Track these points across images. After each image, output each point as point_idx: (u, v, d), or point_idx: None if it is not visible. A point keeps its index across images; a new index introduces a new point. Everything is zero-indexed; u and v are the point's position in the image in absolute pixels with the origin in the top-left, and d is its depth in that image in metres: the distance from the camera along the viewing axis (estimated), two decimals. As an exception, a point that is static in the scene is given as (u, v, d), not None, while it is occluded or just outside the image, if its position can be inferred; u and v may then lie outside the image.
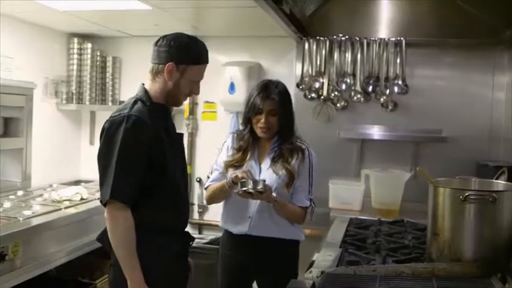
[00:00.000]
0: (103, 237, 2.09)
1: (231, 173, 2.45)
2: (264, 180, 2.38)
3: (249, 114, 2.55)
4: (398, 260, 2.12)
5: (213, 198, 2.62)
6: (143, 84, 2.17)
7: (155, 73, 2.11)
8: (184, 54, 2.08)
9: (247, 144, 2.58)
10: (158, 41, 2.10)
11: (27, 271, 2.71)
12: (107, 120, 2.07)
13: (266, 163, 2.55)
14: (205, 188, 2.66)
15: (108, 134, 2.03)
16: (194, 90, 2.19)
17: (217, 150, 2.73)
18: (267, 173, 2.51)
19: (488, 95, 3.69)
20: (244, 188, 2.33)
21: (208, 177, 2.67)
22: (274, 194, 2.43)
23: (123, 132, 1.98)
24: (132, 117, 2.00)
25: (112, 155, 1.98)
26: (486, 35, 3.54)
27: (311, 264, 2.11)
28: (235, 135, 2.66)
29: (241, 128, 2.67)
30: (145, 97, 2.11)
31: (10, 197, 3.30)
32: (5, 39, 3.55)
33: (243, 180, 2.34)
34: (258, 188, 2.32)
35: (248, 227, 2.51)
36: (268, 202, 2.44)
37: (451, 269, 1.84)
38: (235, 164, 2.55)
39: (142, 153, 2.01)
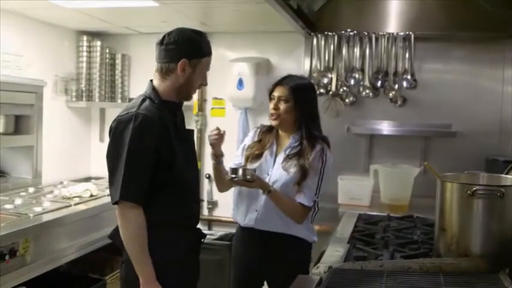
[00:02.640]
0: (115, 234, 2.10)
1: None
2: (254, 169, 2.40)
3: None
4: (406, 255, 2.11)
5: (218, 186, 2.65)
6: (151, 81, 2.17)
7: (165, 72, 2.10)
8: (194, 49, 2.09)
9: (266, 136, 2.60)
10: (163, 39, 2.09)
11: (38, 267, 2.74)
12: (115, 119, 2.07)
13: (281, 157, 2.53)
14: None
15: (116, 134, 2.03)
16: (204, 82, 2.20)
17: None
18: (277, 168, 2.50)
19: (498, 89, 3.66)
20: (233, 176, 2.34)
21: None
22: (270, 184, 2.43)
23: (131, 131, 1.98)
24: (140, 116, 2.00)
25: (120, 154, 1.98)
26: (496, 28, 3.51)
27: (319, 260, 2.12)
28: (259, 129, 2.68)
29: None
30: (153, 95, 2.11)
31: (21, 193, 3.34)
32: (16, 37, 3.59)
33: (234, 168, 2.36)
34: (247, 177, 2.33)
35: (255, 220, 2.50)
36: (262, 190, 2.43)
37: (458, 264, 1.83)
38: (255, 152, 2.57)
39: (151, 152, 2.02)
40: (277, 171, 2.49)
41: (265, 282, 2.66)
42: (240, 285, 2.64)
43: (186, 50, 2.07)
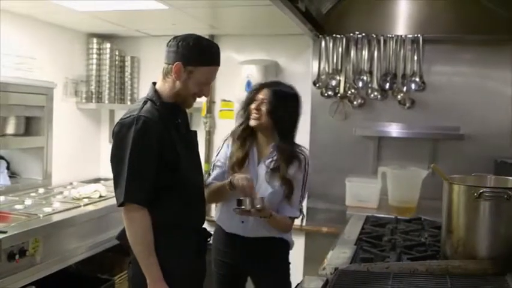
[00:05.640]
0: (122, 236, 2.12)
1: (236, 177, 2.37)
2: (263, 198, 2.33)
3: (247, 103, 2.53)
4: (413, 257, 2.11)
5: (213, 198, 2.58)
6: (154, 84, 2.19)
7: (165, 73, 2.13)
8: (191, 55, 2.08)
9: (245, 141, 2.54)
10: (169, 41, 2.12)
11: (47, 267, 2.77)
12: (117, 122, 2.09)
13: (262, 168, 2.50)
14: (206, 185, 2.55)
15: (118, 137, 2.05)
16: (204, 92, 2.18)
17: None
18: (262, 180, 2.48)
19: (507, 92, 3.63)
20: (242, 207, 2.29)
21: (209, 174, 2.64)
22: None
23: (133, 134, 2.00)
24: (142, 118, 2.02)
25: (124, 157, 2.00)
26: (505, 30, 3.48)
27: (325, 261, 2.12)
28: (230, 140, 2.60)
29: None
30: (155, 97, 2.13)
31: (31, 194, 3.37)
32: (27, 40, 3.64)
33: (241, 198, 2.30)
34: (257, 206, 2.29)
35: (242, 228, 2.51)
36: (264, 217, 2.40)
37: (465, 266, 1.83)
38: (239, 157, 2.51)
39: (154, 154, 2.03)
40: (262, 184, 2.47)
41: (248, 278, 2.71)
42: (225, 283, 2.66)
43: (183, 55, 2.07)
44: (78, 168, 4.21)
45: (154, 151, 2.03)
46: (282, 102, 2.48)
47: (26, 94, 3.38)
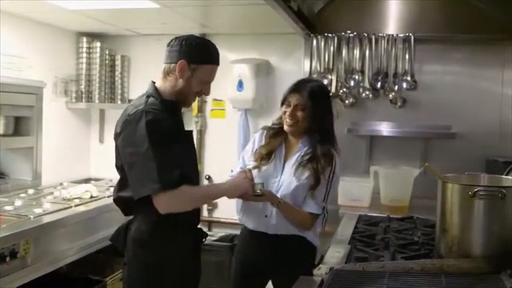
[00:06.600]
0: (116, 237, 2.11)
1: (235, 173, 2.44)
2: (262, 183, 2.35)
3: (281, 107, 2.51)
4: (407, 256, 2.12)
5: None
6: (153, 82, 2.18)
7: (166, 72, 2.12)
8: (195, 53, 2.10)
9: (274, 139, 2.55)
10: (171, 42, 2.13)
11: (39, 268, 2.74)
12: (123, 122, 2.04)
13: (290, 163, 2.48)
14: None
15: (129, 133, 2.00)
16: (205, 91, 2.19)
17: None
18: (288, 174, 2.45)
19: (498, 91, 3.66)
20: None
21: (232, 171, 2.64)
22: (278, 195, 2.40)
23: (145, 125, 1.95)
24: (151, 111, 2.00)
25: (143, 149, 1.95)
26: (495, 30, 3.51)
27: (320, 261, 2.12)
28: (265, 130, 2.61)
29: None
30: (155, 94, 2.12)
31: (21, 195, 3.34)
32: (16, 39, 3.60)
33: None
34: (257, 191, 2.31)
35: (266, 225, 2.47)
36: (271, 204, 2.40)
37: (460, 265, 1.84)
38: (262, 157, 2.51)
39: (170, 140, 1.99)
40: (287, 177, 2.45)
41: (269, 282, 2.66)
42: (244, 283, 2.62)
43: (186, 53, 2.08)
44: (68, 168, 4.18)
45: (170, 137, 2.00)
46: (319, 103, 2.44)
47: (15, 94, 3.34)
